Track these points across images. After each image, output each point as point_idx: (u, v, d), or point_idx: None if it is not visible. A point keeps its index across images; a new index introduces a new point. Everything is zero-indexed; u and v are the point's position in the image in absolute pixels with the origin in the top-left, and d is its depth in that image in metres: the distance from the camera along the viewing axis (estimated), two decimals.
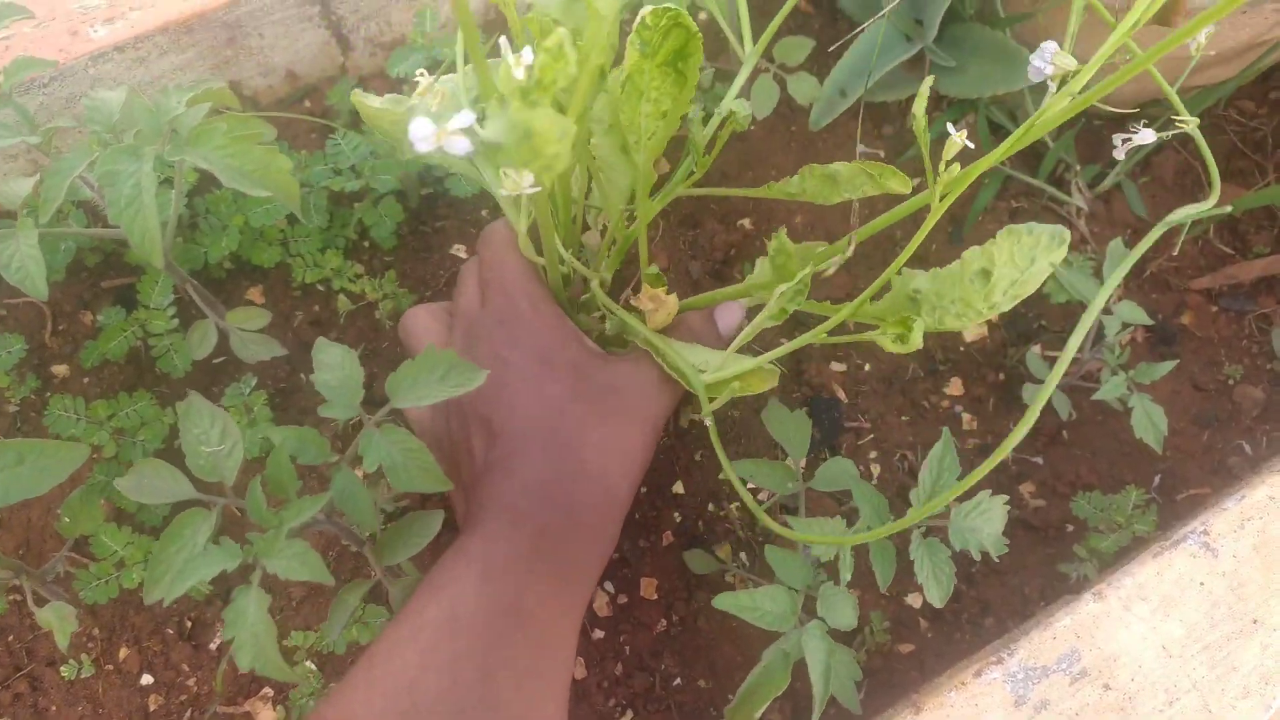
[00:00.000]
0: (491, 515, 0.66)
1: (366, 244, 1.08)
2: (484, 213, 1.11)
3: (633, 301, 0.78)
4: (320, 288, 1.06)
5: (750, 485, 0.99)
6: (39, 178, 0.88)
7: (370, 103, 0.74)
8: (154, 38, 1.01)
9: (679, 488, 1.00)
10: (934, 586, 0.72)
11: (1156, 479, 1.04)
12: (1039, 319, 1.13)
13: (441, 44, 1.07)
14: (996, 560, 0.99)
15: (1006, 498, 0.74)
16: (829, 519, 0.73)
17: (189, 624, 0.94)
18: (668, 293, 0.76)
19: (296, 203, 0.71)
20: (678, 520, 0.99)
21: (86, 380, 1.02)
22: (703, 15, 1.24)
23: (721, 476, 1.00)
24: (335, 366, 0.69)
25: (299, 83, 1.15)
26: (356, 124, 1.09)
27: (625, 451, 0.69)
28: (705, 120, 0.75)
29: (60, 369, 1.03)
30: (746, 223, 1.16)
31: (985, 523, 0.73)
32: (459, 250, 1.09)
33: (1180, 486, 1.04)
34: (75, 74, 1.00)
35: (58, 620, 0.77)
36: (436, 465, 0.65)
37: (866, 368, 1.09)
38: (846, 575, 0.72)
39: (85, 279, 1.06)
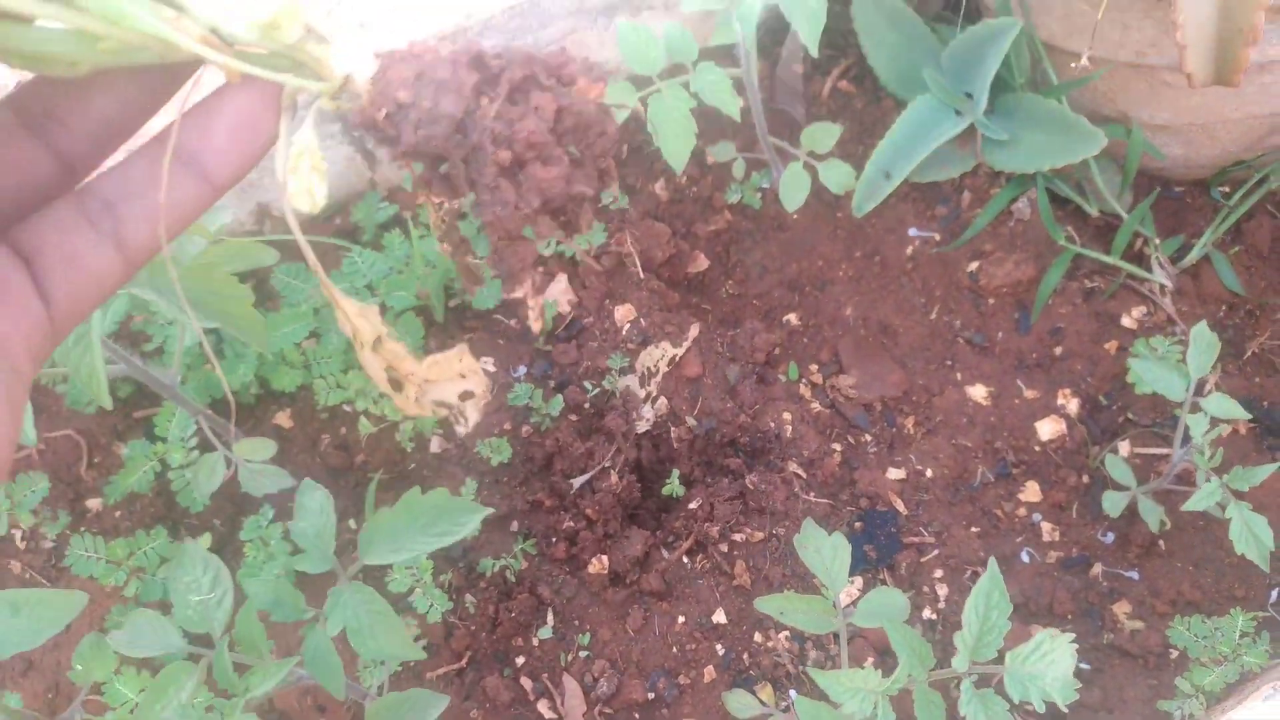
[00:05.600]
0: None
1: None
2: (512, 321, 1.07)
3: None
4: (346, 408, 1.03)
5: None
6: None
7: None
8: None
9: (720, 616, 0.91)
10: None
11: (1274, 594, 0.90)
12: (1124, 411, 1.01)
13: None
14: (1092, 693, 0.87)
15: (1072, 637, 0.63)
16: (862, 669, 0.63)
17: None
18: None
19: (260, 335, 0.67)
20: (720, 653, 0.90)
21: (118, 514, 1.01)
22: (741, 102, 1.19)
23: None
24: (315, 513, 0.64)
25: (328, 199, 1.14)
26: (379, 241, 1.07)
27: None
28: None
29: (94, 503, 1.01)
30: (793, 318, 1.08)
31: (1049, 667, 0.63)
32: (487, 362, 1.05)
33: None
34: None
35: None
36: (404, 629, 0.58)
37: (928, 473, 0.99)
38: None
39: (119, 410, 1.06)
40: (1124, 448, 0.99)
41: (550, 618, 0.92)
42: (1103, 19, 0.88)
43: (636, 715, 0.88)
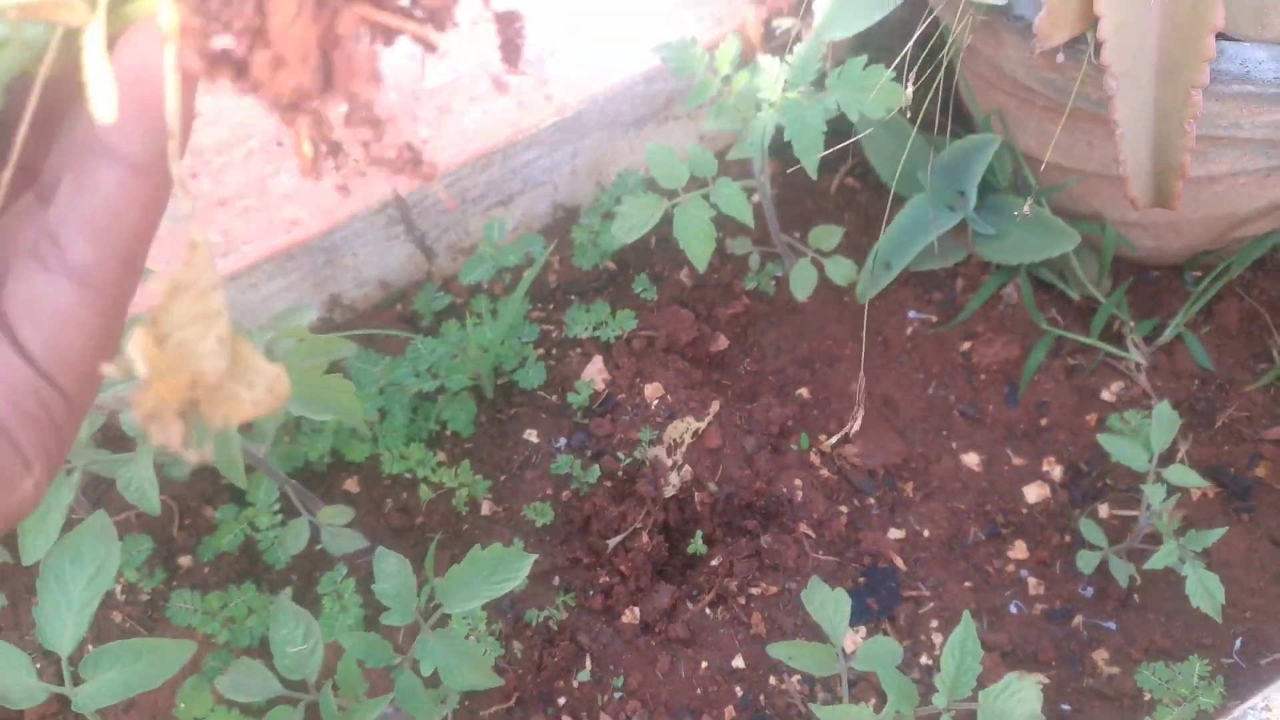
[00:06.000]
0: None
1: (448, 433, 1.19)
2: (553, 398, 1.20)
3: None
4: (407, 476, 1.16)
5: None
6: None
7: None
8: (262, 266, 1.16)
9: (739, 661, 1.03)
10: None
11: (1237, 642, 1.00)
12: (1104, 477, 1.12)
13: (508, 252, 1.19)
14: None
15: (1038, 679, 0.74)
16: (858, 707, 0.75)
17: None
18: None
19: (359, 419, 0.81)
20: (739, 695, 1.01)
21: (207, 570, 1.14)
22: (755, 199, 1.32)
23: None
24: (393, 575, 0.77)
25: (390, 289, 1.29)
26: (436, 327, 1.21)
27: None
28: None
29: (185, 560, 1.15)
30: (804, 392, 1.21)
31: (1017, 704, 0.74)
32: (531, 434, 1.18)
33: (1264, 650, 1.00)
34: None
35: None
36: (487, 664, 0.71)
37: (926, 533, 1.10)
38: None
39: (207, 477, 1.20)
40: (1103, 510, 1.10)
41: (589, 663, 1.04)
42: (1072, 138, 1.01)
43: None
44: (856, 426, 1.13)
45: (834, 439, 1.16)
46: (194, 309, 0.25)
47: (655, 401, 1.16)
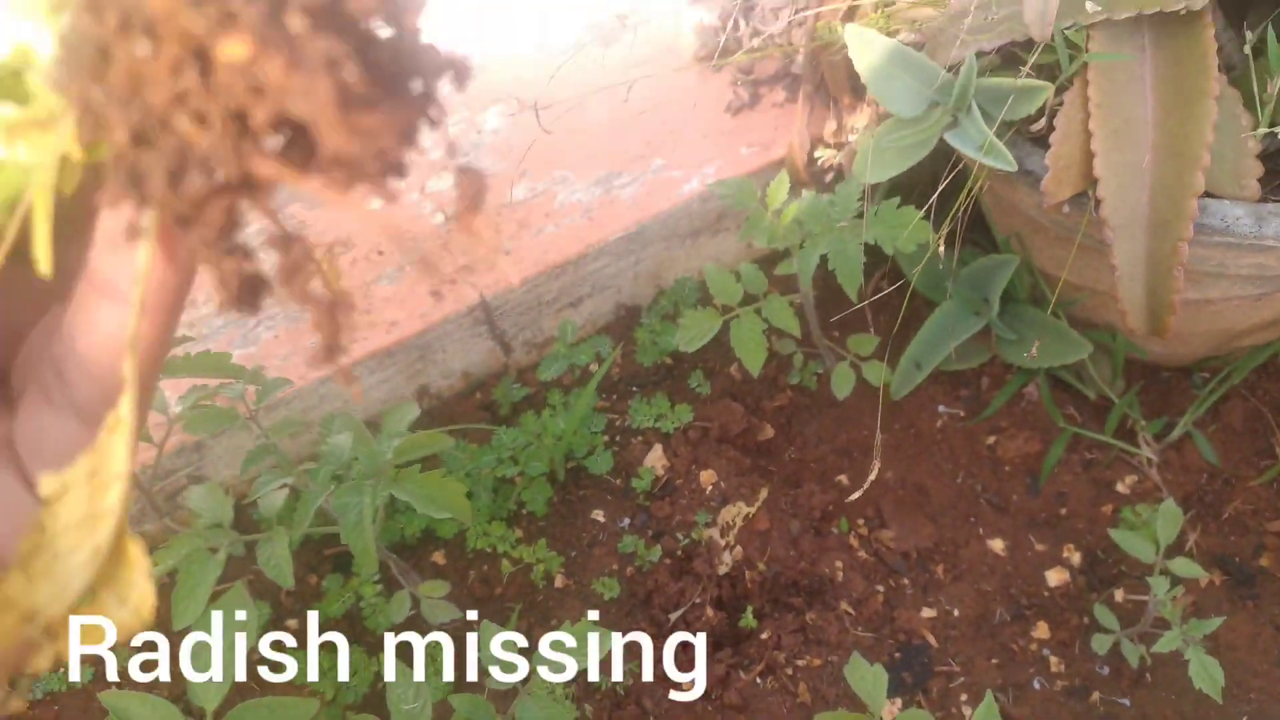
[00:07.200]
0: None
1: (525, 513, 1.33)
2: (618, 481, 1.34)
3: None
4: (488, 550, 1.31)
5: None
6: (288, 494, 1.17)
7: None
8: (365, 363, 1.32)
9: None
10: None
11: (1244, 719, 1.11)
12: (1119, 564, 1.24)
13: (580, 352, 1.34)
14: None
15: None
16: None
17: None
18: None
19: (468, 516, 0.95)
20: None
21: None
22: (797, 300, 1.46)
23: None
24: (499, 644, 0.90)
25: (471, 379, 1.44)
26: (513, 414, 1.36)
27: None
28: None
29: (291, 622, 1.30)
30: (843, 479, 1.34)
31: None
32: (599, 514, 1.32)
33: None
34: (308, 393, 1.32)
35: None
36: None
37: (955, 613, 1.22)
38: None
39: (312, 548, 1.35)
40: (1118, 594, 1.21)
41: None
42: (1081, 262, 1.15)
43: None
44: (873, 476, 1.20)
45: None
46: (83, 509, 0.21)
47: (710, 487, 1.29)
